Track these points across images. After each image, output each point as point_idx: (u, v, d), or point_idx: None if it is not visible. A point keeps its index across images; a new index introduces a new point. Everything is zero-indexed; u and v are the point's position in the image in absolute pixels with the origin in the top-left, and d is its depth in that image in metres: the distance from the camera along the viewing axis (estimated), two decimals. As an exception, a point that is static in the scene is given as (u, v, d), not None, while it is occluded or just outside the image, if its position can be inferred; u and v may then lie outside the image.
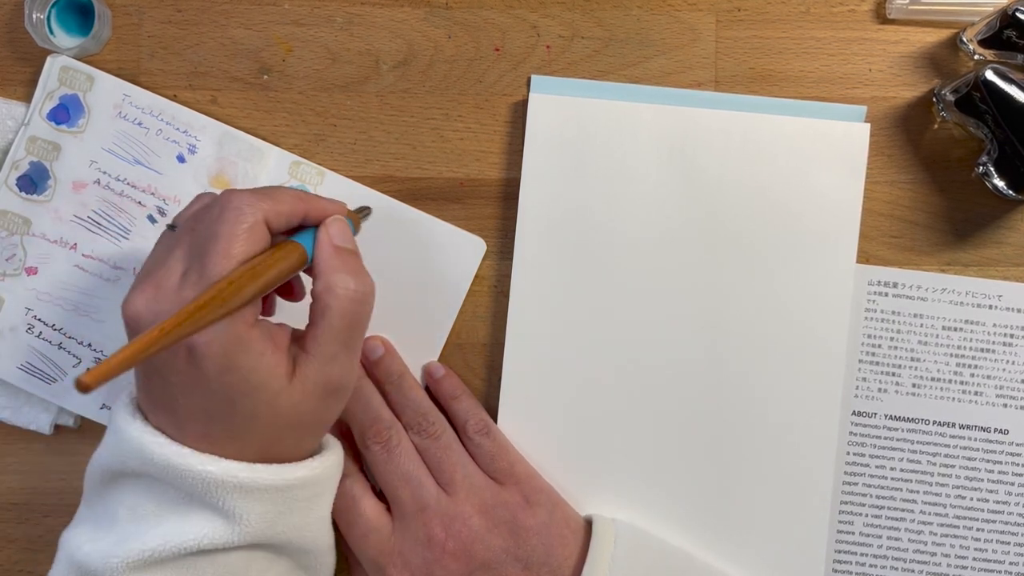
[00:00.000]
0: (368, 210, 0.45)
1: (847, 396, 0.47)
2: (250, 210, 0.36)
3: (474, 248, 0.47)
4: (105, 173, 0.46)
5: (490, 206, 0.48)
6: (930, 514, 0.47)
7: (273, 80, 0.47)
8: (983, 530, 0.47)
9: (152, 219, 0.46)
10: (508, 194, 0.48)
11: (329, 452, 0.40)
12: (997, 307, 0.47)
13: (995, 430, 0.47)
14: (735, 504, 0.46)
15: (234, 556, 0.37)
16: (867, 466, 0.47)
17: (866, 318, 0.47)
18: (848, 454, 0.47)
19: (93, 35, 0.46)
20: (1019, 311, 0.47)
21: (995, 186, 0.46)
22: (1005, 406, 0.47)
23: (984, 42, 0.46)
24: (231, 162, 0.47)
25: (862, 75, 0.48)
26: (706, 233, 0.47)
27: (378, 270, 0.46)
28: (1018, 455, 0.47)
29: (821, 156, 0.47)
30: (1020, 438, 0.47)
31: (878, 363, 0.47)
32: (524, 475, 0.44)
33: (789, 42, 0.48)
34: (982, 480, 0.47)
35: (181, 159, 0.47)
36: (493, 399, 0.47)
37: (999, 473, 0.47)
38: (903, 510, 0.47)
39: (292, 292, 0.42)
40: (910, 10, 0.47)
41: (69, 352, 0.46)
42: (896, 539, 0.47)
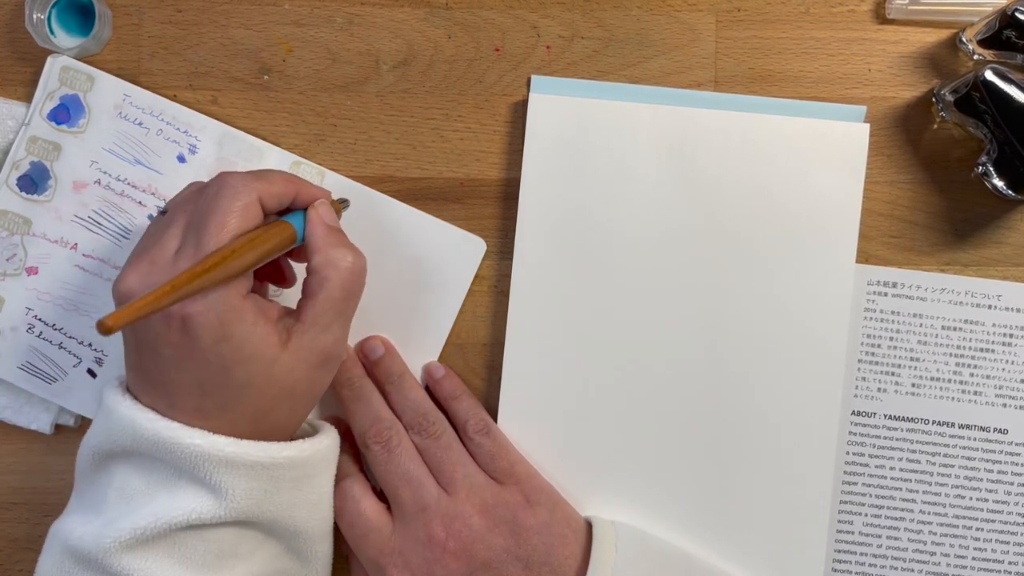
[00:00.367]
0: (347, 202, 0.46)
1: (847, 396, 0.47)
2: (245, 189, 0.38)
3: (474, 248, 0.47)
4: (105, 173, 0.46)
5: (490, 206, 0.48)
6: (930, 514, 0.47)
7: (273, 80, 0.47)
8: (982, 529, 0.47)
9: (152, 219, 0.47)
10: (508, 194, 0.48)
11: (321, 436, 0.41)
12: (996, 307, 0.47)
13: (994, 430, 0.47)
14: (735, 504, 0.46)
15: (223, 532, 0.37)
16: (867, 466, 0.47)
17: (866, 318, 0.47)
18: (848, 454, 0.47)
19: (93, 35, 0.46)
20: (1018, 311, 0.47)
21: (994, 186, 0.46)
22: (1004, 406, 0.47)
23: (983, 42, 0.46)
24: (231, 162, 0.47)
25: (862, 75, 0.48)
26: (706, 233, 0.47)
27: (378, 270, 0.46)
28: (1017, 455, 0.47)
29: (821, 156, 0.47)
30: (1019, 438, 0.47)
31: (878, 363, 0.47)
32: (524, 475, 0.44)
33: (789, 42, 0.48)
34: (981, 480, 0.47)
35: (181, 159, 0.47)
36: (493, 399, 0.47)
37: (998, 473, 0.47)
38: (903, 510, 0.47)
39: (283, 278, 0.44)
40: (910, 10, 0.47)
41: (69, 352, 0.46)
42: (896, 539, 0.47)
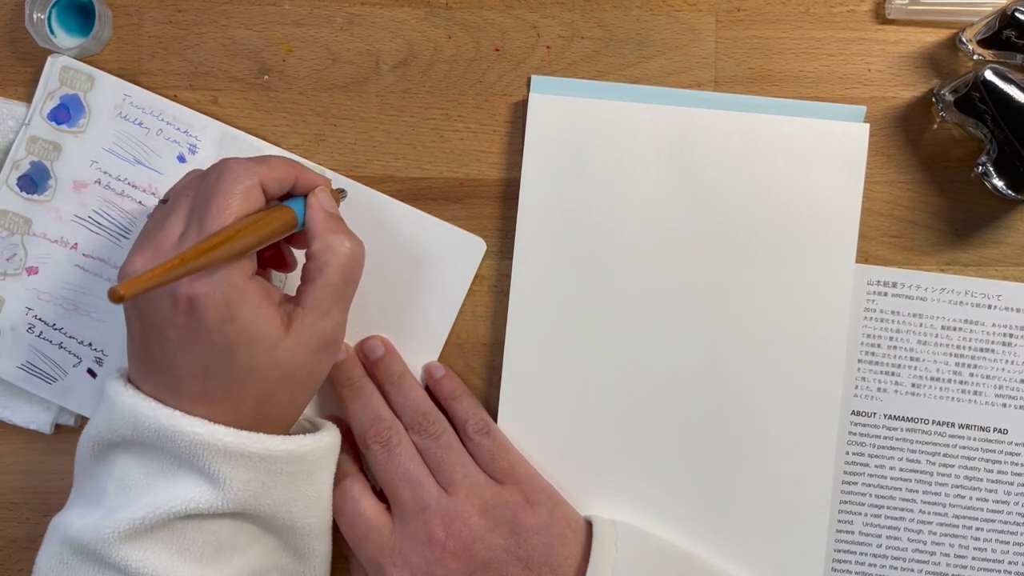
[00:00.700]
0: (344, 192, 0.46)
1: (847, 396, 0.47)
2: (247, 173, 0.38)
3: (474, 248, 0.47)
4: (106, 173, 0.46)
5: (490, 206, 0.48)
6: (929, 513, 0.47)
7: (273, 80, 0.47)
8: (982, 529, 0.47)
9: (154, 208, 0.46)
10: (508, 194, 0.48)
11: (322, 434, 0.41)
12: (996, 307, 0.47)
13: (994, 430, 0.47)
14: (735, 503, 0.46)
15: (221, 524, 0.38)
16: (866, 466, 0.47)
17: (865, 318, 0.47)
18: (848, 454, 0.47)
19: (94, 35, 0.46)
20: (1018, 311, 0.47)
21: (994, 186, 0.46)
22: (1004, 406, 0.47)
23: (983, 42, 0.46)
24: (231, 162, 0.47)
25: (861, 75, 0.48)
26: (705, 233, 0.47)
27: (379, 270, 0.46)
28: (1017, 455, 0.47)
29: (820, 156, 0.47)
30: (1019, 438, 0.47)
31: (877, 363, 0.47)
32: (524, 475, 0.44)
33: (789, 42, 0.48)
34: (981, 480, 0.47)
35: (182, 159, 0.47)
36: (493, 399, 0.47)
37: (998, 473, 0.47)
38: (902, 509, 0.47)
39: (284, 263, 0.44)
40: (909, 10, 0.48)
41: (70, 352, 0.46)
42: (895, 538, 0.47)
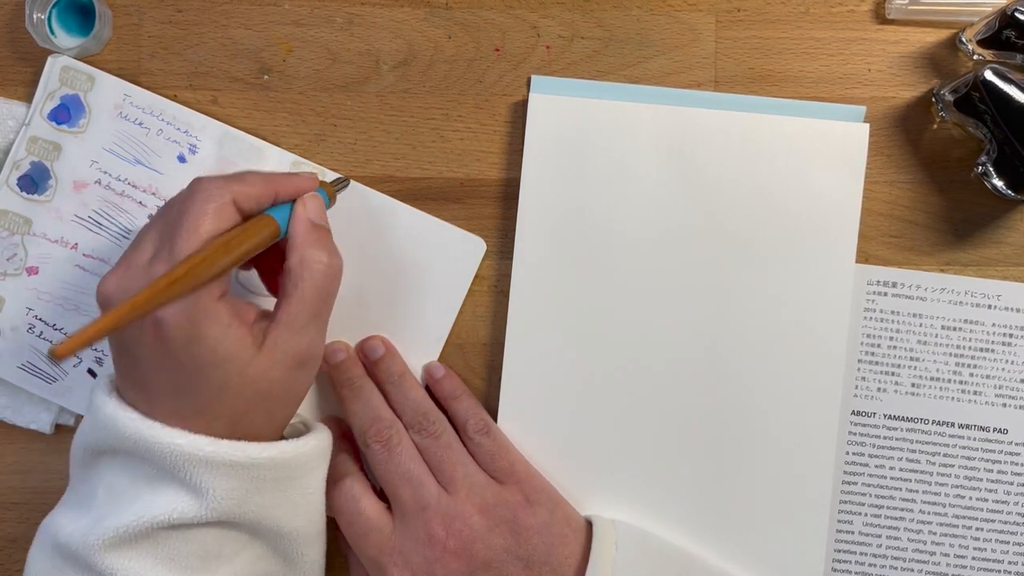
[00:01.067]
0: (346, 182, 0.45)
1: (846, 396, 0.47)
2: (218, 192, 0.38)
3: (474, 248, 0.47)
4: (106, 173, 0.46)
5: (490, 206, 0.48)
6: (929, 513, 0.47)
7: (273, 80, 0.47)
8: (982, 529, 0.47)
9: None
10: (508, 194, 0.48)
11: (307, 438, 0.40)
12: (996, 307, 0.47)
13: (994, 429, 0.47)
14: (735, 503, 0.46)
15: (206, 532, 0.37)
16: (866, 465, 0.47)
17: (865, 318, 0.47)
18: (847, 454, 0.47)
19: (94, 35, 0.46)
20: (1018, 311, 0.47)
21: (994, 186, 0.46)
22: (1004, 406, 0.47)
23: (983, 42, 0.46)
24: (232, 162, 0.47)
25: (861, 75, 0.48)
26: (705, 233, 0.47)
27: (379, 270, 0.46)
28: (1017, 454, 0.47)
29: (820, 156, 0.47)
30: (1019, 437, 0.47)
31: (877, 363, 0.47)
32: (524, 474, 0.44)
33: (789, 42, 0.48)
34: (981, 479, 0.47)
35: (182, 159, 0.47)
36: (493, 399, 0.47)
37: (998, 472, 0.47)
38: (902, 509, 0.47)
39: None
40: (909, 10, 0.48)
41: (70, 352, 0.46)
42: (895, 538, 0.47)
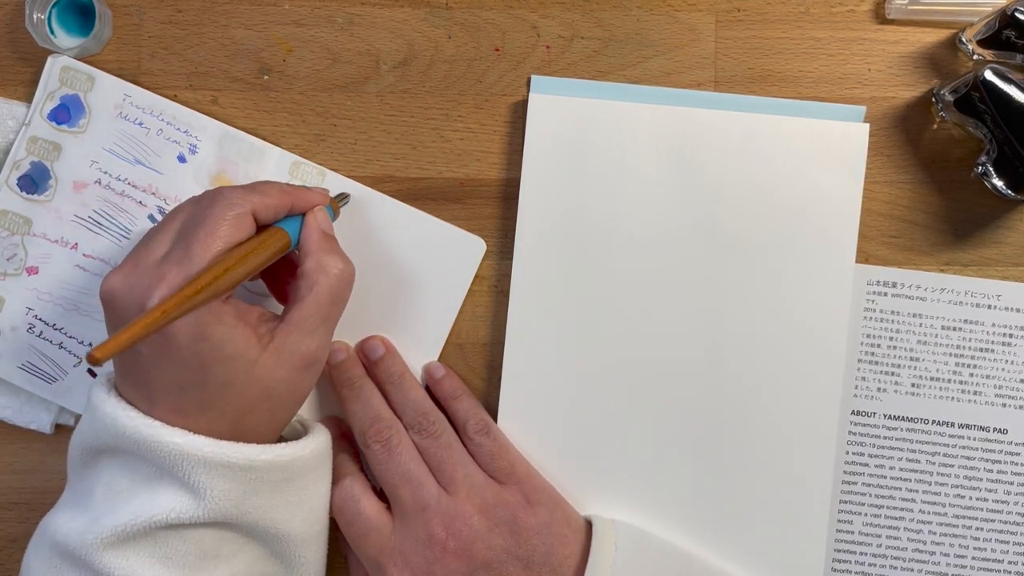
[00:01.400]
0: (347, 196, 0.46)
1: (846, 396, 0.47)
2: (239, 201, 0.38)
3: (474, 248, 0.47)
4: (106, 173, 0.46)
5: (490, 206, 0.48)
6: (929, 513, 0.47)
7: (273, 80, 0.47)
8: (982, 529, 0.47)
9: (153, 219, 0.47)
10: (508, 194, 0.48)
11: (307, 441, 0.40)
12: (996, 307, 0.47)
13: (994, 429, 0.47)
14: (735, 503, 0.46)
15: (203, 533, 0.37)
16: (866, 465, 0.47)
17: (865, 318, 0.47)
18: (847, 453, 0.47)
19: (94, 35, 0.46)
20: (1018, 311, 0.47)
21: (994, 186, 0.46)
22: (1004, 406, 0.47)
23: (983, 42, 0.46)
24: (232, 162, 0.47)
25: (861, 75, 0.48)
26: (705, 233, 0.47)
27: (379, 270, 0.46)
28: (1017, 454, 0.47)
29: (820, 156, 0.47)
30: (1019, 437, 0.47)
31: (877, 363, 0.47)
32: (524, 474, 0.44)
33: (788, 42, 0.48)
34: (981, 479, 0.47)
35: (182, 159, 0.47)
36: (493, 399, 0.47)
37: (998, 472, 0.47)
38: (902, 509, 0.47)
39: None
40: (909, 10, 0.48)
41: (70, 352, 0.46)
42: (895, 538, 0.47)
